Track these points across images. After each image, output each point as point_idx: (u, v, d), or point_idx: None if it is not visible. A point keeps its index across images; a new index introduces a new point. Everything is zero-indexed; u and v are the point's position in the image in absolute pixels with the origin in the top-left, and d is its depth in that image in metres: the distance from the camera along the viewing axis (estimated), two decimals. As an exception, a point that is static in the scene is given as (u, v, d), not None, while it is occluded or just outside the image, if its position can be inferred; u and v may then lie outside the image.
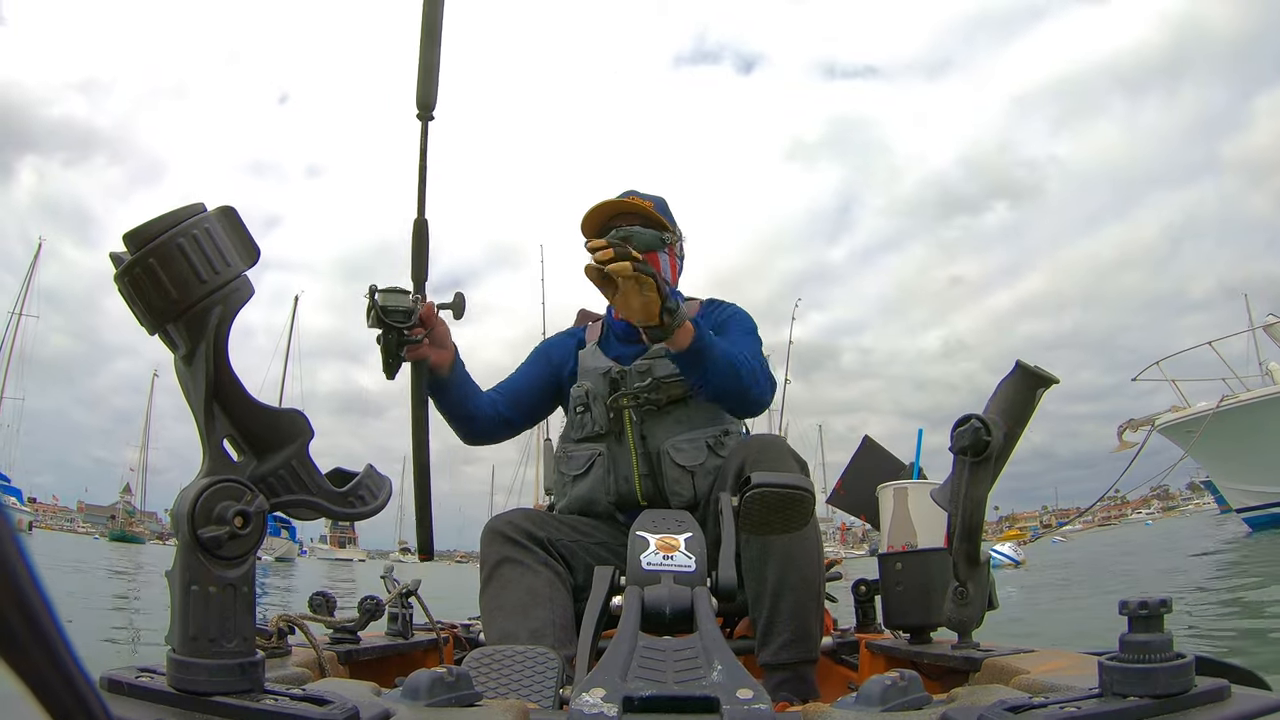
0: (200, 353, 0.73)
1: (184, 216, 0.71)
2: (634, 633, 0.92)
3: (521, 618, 1.57)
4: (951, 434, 1.10)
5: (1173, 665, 0.68)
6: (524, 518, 1.76)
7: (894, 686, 0.79)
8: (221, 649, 0.69)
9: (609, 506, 1.88)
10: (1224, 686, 0.70)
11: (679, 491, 1.82)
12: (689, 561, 1.16)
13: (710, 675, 0.79)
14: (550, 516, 1.86)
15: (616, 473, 1.88)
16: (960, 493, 1.11)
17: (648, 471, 1.86)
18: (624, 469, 1.87)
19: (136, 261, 0.69)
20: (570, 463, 1.94)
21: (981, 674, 1.13)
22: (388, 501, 0.88)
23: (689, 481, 1.83)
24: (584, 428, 1.93)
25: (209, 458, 0.76)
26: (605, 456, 1.89)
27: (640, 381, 1.88)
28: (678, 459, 1.84)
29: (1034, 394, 1.13)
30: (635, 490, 1.86)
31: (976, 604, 1.20)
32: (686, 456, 1.84)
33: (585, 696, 0.72)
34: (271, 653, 1.12)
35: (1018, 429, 1.12)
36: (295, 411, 0.82)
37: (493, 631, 1.58)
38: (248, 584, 0.72)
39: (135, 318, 0.72)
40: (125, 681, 0.73)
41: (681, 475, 1.83)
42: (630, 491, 1.86)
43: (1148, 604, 0.69)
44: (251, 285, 0.76)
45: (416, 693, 0.78)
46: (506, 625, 1.56)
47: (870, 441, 2.14)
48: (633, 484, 1.86)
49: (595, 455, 1.90)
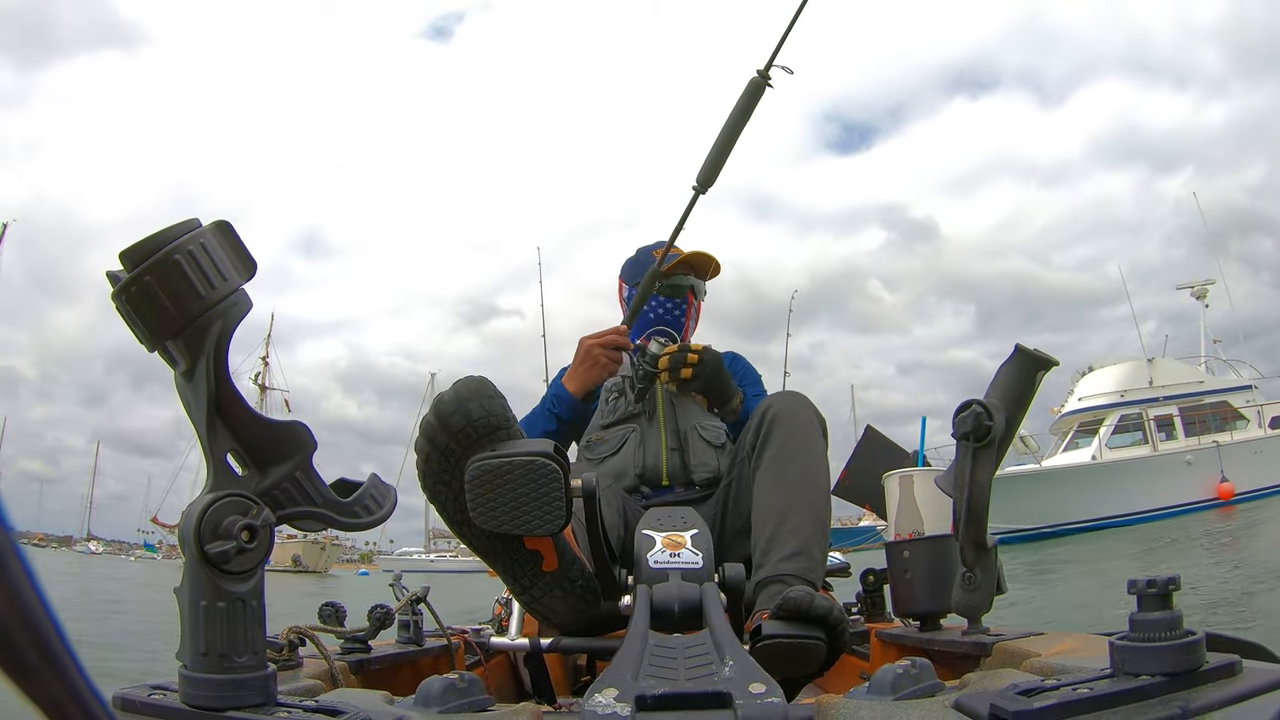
0: (200, 368, 0.73)
1: (180, 232, 0.71)
2: (644, 631, 0.91)
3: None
4: (953, 420, 1.10)
5: (1183, 642, 0.68)
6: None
7: (906, 675, 0.79)
8: (233, 664, 0.69)
9: (634, 480, 1.95)
10: (1235, 661, 0.70)
11: (705, 463, 1.94)
12: (696, 558, 1.16)
13: (722, 671, 0.79)
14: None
15: (646, 448, 1.97)
16: (965, 478, 1.11)
17: (676, 446, 1.96)
18: (653, 444, 1.97)
19: (134, 279, 0.69)
20: (600, 446, 2.01)
21: (993, 658, 1.13)
22: (393, 511, 0.88)
23: (714, 456, 1.94)
24: (616, 411, 2.03)
25: (213, 472, 0.76)
26: (637, 433, 1.99)
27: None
28: (705, 435, 1.97)
29: (1034, 377, 1.13)
30: (662, 465, 1.95)
31: (985, 589, 1.20)
32: (713, 435, 1.97)
33: (598, 697, 0.72)
34: (283, 665, 1.12)
35: (1019, 413, 1.12)
36: (297, 423, 0.82)
37: None
38: (257, 598, 0.71)
39: (134, 335, 0.72)
40: (138, 700, 0.73)
41: (707, 450, 1.95)
42: (657, 465, 1.95)
43: (1156, 582, 0.69)
44: (250, 299, 0.76)
45: (429, 700, 0.78)
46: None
47: (873, 431, 2.15)
48: (660, 459, 1.95)
49: (628, 434, 2.00)
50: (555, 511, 1.04)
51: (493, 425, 1.05)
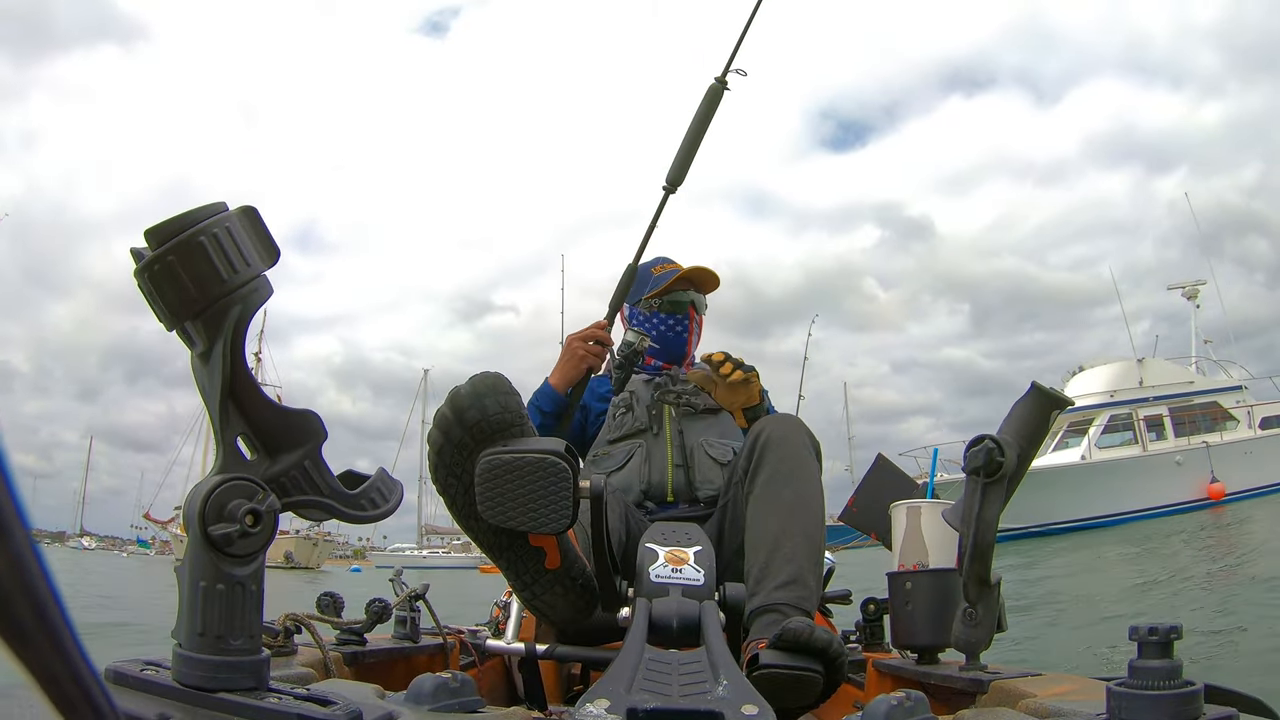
0: (217, 351, 0.73)
1: (206, 215, 0.71)
2: (641, 645, 0.91)
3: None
4: (964, 455, 1.09)
5: (1181, 693, 0.67)
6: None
7: (900, 707, 0.78)
8: (228, 646, 0.69)
9: (639, 495, 1.96)
10: (1232, 715, 0.70)
11: (710, 480, 1.94)
12: (698, 575, 1.16)
13: (716, 690, 0.78)
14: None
15: (652, 463, 1.98)
16: (972, 513, 1.10)
17: (681, 463, 1.97)
18: (659, 460, 1.99)
19: (157, 258, 0.70)
20: (607, 461, 2.02)
21: (989, 696, 1.12)
22: (398, 505, 0.88)
23: (720, 474, 1.94)
24: (623, 426, 2.06)
25: (222, 455, 0.77)
26: (643, 449, 2.00)
27: (682, 386, 2.07)
28: (711, 453, 1.97)
29: (1048, 415, 1.12)
30: (667, 481, 1.96)
31: (986, 626, 1.19)
32: (719, 452, 1.97)
33: (589, 707, 0.72)
34: (277, 651, 1.13)
35: (1031, 450, 1.11)
36: (309, 412, 0.82)
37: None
38: (257, 582, 0.72)
39: (154, 314, 0.73)
40: (130, 674, 0.73)
41: (713, 467, 1.95)
42: (662, 482, 1.96)
43: (1158, 630, 0.69)
44: (270, 285, 0.76)
45: (421, 697, 0.78)
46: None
47: (883, 459, 2.13)
48: (665, 475, 1.96)
49: (634, 449, 2.01)
50: (562, 510, 1.04)
51: (507, 421, 1.06)
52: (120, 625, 5.64)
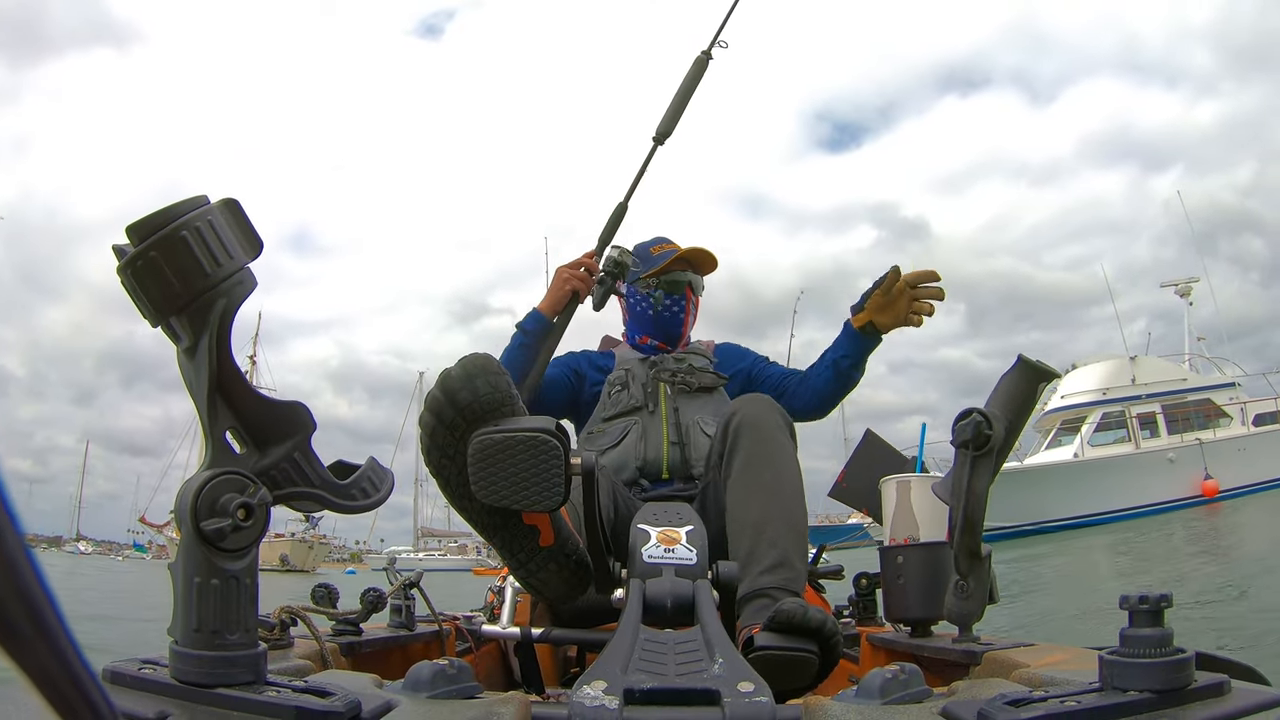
0: (203, 345, 0.73)
1: (187, 209, 0.71)
2: (635, 625, 0.92)
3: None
4: (953, 428, 1.10)
5: (1173, 660, 0.68)
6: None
7: (894, 679, 0.79)
8: (224, 641, 0.69)
9: (634, 472, 1.97)
10: (1223, 681, 0.70)
11: (705, 457, 1.93)
12: (690, 554, 1.16)
13: (712, 668, 0.79)
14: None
15: (647, 440, 2.00)
16: (962, 486, 1.11)
17: (677, 440, 1.99)
18: (655, 437, 2.01)
19: (139, 254, 0.69)
20: (602, 438, 2.03)
21: (982, 667, 1.13)
22: (389, 494, 0.88)
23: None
24: (619, 404, 2.07)
25: (211, 450, 0.77)
26: (639, 426, 2.02)
27: (678, 365, 2.11)
28: (706, 430, 1.99)
29: (1035, 388, 1.13)
30: (663, 458, 1.97)
31: (977, 598, 1.20)
32: (714, 429, 1.95)
33: (586, 689, 0.73)
34: (274, 644, 1.12)
35: (1019, 422, 1.12)
36: (297, 403, 0.82)
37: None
38: (250, 576, 0.72)
39: (138, 310, 0.72)
40: (128, 673, 0.73)
41: (708, 444, 1.94)
42: (657, 459, 1.98)
43: (1148, 598, 0.69)
44: (254, 277, 0.75)
45: (418, 685, 0.78)
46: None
47: (872, 435, 2.14)
48: (661, 452, 1.98)
49: (629, 426, 2.03)
50: (555, 487, 1.04)
51: (498, 401, 1.06)
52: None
